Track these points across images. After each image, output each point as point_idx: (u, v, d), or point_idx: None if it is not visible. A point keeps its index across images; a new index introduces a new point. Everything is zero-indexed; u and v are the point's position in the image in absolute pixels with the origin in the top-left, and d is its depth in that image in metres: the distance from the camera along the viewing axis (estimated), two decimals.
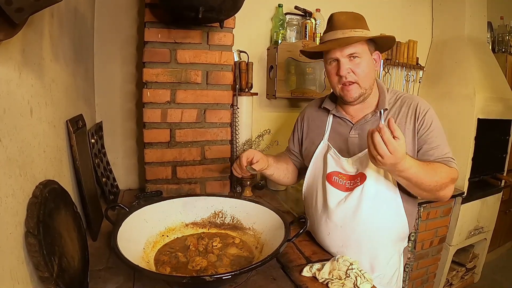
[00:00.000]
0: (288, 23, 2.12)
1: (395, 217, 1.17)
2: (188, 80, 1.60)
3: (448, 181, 1.10)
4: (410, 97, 1.21)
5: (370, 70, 1.17)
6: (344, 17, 1.14)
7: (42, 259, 0.71)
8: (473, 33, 2.52)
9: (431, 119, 1.15)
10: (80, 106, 1.41)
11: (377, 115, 1.20)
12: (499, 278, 2.94)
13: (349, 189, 1.18)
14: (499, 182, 2.67)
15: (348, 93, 1.16)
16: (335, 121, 1.28)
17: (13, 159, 0.69)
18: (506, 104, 2.53)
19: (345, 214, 1.17)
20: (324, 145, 1.27)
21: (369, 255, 1.18)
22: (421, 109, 1.16)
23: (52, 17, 1.01)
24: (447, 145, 1.16)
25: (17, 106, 0.73)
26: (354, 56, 1.13)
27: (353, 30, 1.12)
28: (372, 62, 1.18)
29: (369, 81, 1.17)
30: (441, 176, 1.07)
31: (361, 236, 1.17)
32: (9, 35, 0.63)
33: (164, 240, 1.19)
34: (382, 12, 2.45)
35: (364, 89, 1.16)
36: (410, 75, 2.59)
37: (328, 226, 1.22)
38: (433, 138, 1.14)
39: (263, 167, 1.30)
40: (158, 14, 1.51)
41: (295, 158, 1.47)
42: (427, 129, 1.14)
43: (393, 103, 1.21)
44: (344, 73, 1.13)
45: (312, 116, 1.38)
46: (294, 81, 2.09)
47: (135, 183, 1.96)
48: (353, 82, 1.15)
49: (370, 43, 1.17)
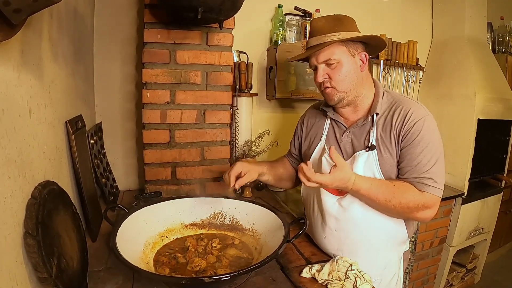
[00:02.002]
0: (288, 24, 2.12)
1: (390, 222, 1.15)
2: (187, 81, 1.60)
3: (414, 206, 1.05)
4: (406, 102, 1.12)
5: (349, 73, 1.12)
6: (321, 23, 1.12)
7: (41, 260, 0.71)
8: (473, 33, 2.52)
9: (418, 130, 1.05)
10: (80, 107, 1.41)
11: (368, 120, 1.16)
12: (499, 278, 2.93)
13: (341, 193, 1.17)
14: (499, 182, 2.66)
15: (328, 96, 1.17)
16: (332, 124, 1.27)
17: (12, 159, 0.69)
18: (506, 105, 2.53)
19: (338, 219, 1.17)
20: (321, 147, 1.27)
21: (365, 259, 1.14)
22: (411, 117, 1.07)
23: (51, 18, 1.01)
24: (437, 164, 1.05)
25: (16, 106, 0.73)
26: (330, 61, 1.11)
27: (327, 36, 1.09)
28: (353, 64, 1.12)
29: (349, 84, 1.13)
30: (401, 199, 1.04)
31: (356, 241, 1.17)
32: (7, 35, 0.63)
33: (164, 241, 1.19)
34: (382, 13, 2.45)
35: (343, 93, 1.14)
36: (410, 76, 2.59)
37: (324, 230, 1.22)
38: (417, 155, 1.05)
39: (251, 178, 1.28)
40: (157, 15, 1.51)
41: (295, 161, 1.47)
42: (411, 142, 1.06)
43: (387, 106, 1.15)
44: (320, 79, 1.14)
45: (312, 119, 1.38)
46: (293, 82, 2.09)
47: (135, 184, 1.96)
48: (329, 87, 1.14)
49: (351, 45, 1.12)
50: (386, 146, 1.10)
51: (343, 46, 1.11)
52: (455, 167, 2.44)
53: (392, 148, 1.10)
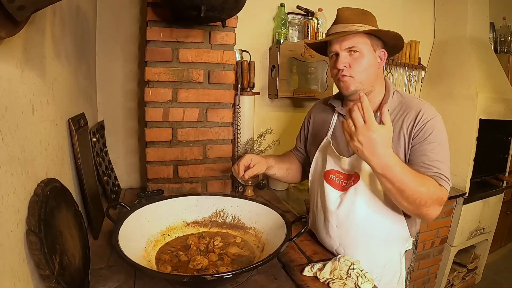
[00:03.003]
0: (290, 23, 2.12)
1: (392, 219, 1.15)
2: (190, 79, 1.60)
3: (434, 198, 1.01)
4: (417, 102, 1.14)
5: (370, 66, 1.12)
6: (348, 12, 1.13)
7: (43, 257, 0.71)
8: (475, 33, 2.51)
9: (431, 129, 1.06)
10: (82, 105, 1.41)
11: (377, 115, 1.14)
12: (500, 279, 2.93)
13: (344, 189, 1.17)
14: (501, 183, 2.66)
15: (343, 85, 1.15)
16: (340, 119, 1.27)
17: (15, 157, 0.69)
18: (508, 105, 2.53)
19: (340, 214, 1.17)
20: (327, 142, 1.27)
21: (366, 256, 1.15)
22: (423, 116, 1.08)
23: (54, 15, 1.01)
24: (446, 164, 1.06)
25: (19, 104, 0.73)
26: (353, 50, 1.11)
27: (354, 25, 1.10)
28: (374, 58, 1.14)
29: (367, 77, 1.13)
30: (428, 189, 0.99)
31: (357, 237, 1.17)
32: (11, 33, 0.63)
33: (165, 239, 1.19)
34: (384, 12, 2.41)
35: (360, 84, 1.13)
36: (412, 75, 2.59)
37: (326, 225, 1.22)
38: (428, 152, 1.06)
39: (259, 170, 1.30)
40: (160, 13, 1.51)
41: (301, 155, 1.48)
42: (424, 139, 1.06)
43: (396, 105, 1.16)
44: (340, 66, 1.12)
45: (319, 114, 1.38)
46: (296, 81, 2.09)
47: (137, 182, 1.96)
48: (347, 75, 1.13)
49: (374, 40, 1.13)
50: (393, 143, 1.08)
51: (367, 38, 1.12)
52: (456, 167, 2.44)
53: (400, 145, 1.10)
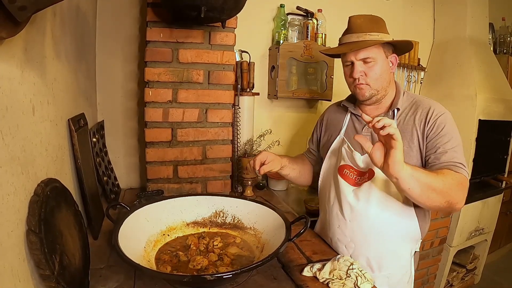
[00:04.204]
0: (290, 24, 2.12)
1: (404, 217, 1.17)
2: (189, 80, 1.60)
3: (458, 182, 1.03)
4: (427, 101, 1.20)
5: (383, 72, 1.18)
6: (360, 20, 1.16)
7: (43, 257, 0.71)
8: (474, 34, 2.52)
9: (443, 124, 1.12)
10: (82, 105, 1.41)
11: (389, 115, 1.22)
12: (499, 279, 2.93)
13: (357, 184, 1.21)
14: (500, 183, 2.66)
15: (360, 91, 1.20)
16: (352, 119, 1.32)
17: (15, 157, 0.69)
18: (507, 105, 2.53)
19: (352, 209, 1.20)
20: (340, 139, 1.31)
21: (377, 252, 1.19)
22: (433, 113, 1.14)
23: (54, 16, 1.02)
24: (460, 153, 1.10)
25: (19, 104, 0.73)
26: (367, 60, 1.15)
27: (368, 34, 1.14)
28: (386, 65, 1.19)
29: (382, 83, 1.19)
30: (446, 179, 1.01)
31: (368, 233, 1.19)
32: (12, 33, 0.63)
33: (165, 239, 1.19)
34: (383, 13, 2.39)
35: (375, 90, 1.19)
36: (411, 76, 2.59)
37: (339, 219, 1.25)
38: (443, 144, 1.11)
39: (274, 168, 1.32)
40: (160, 14, 1.52)
41: (313, 157, 1.51)
42: (437, 133, 1.12)
43: (407, 104, 1.21)
44: (357, 75, 1.17)
45: (331, 115, 1.43)
46: (295, 81, 2.09)
47: (136, 182, 1.96)
48: (364, 83, 1.18)
49: (386, 46, 1.18)
50: (406, 140, 1.14)
51: (381, 47, 1.17)
52: None
53: (413, 142, 1.14)
